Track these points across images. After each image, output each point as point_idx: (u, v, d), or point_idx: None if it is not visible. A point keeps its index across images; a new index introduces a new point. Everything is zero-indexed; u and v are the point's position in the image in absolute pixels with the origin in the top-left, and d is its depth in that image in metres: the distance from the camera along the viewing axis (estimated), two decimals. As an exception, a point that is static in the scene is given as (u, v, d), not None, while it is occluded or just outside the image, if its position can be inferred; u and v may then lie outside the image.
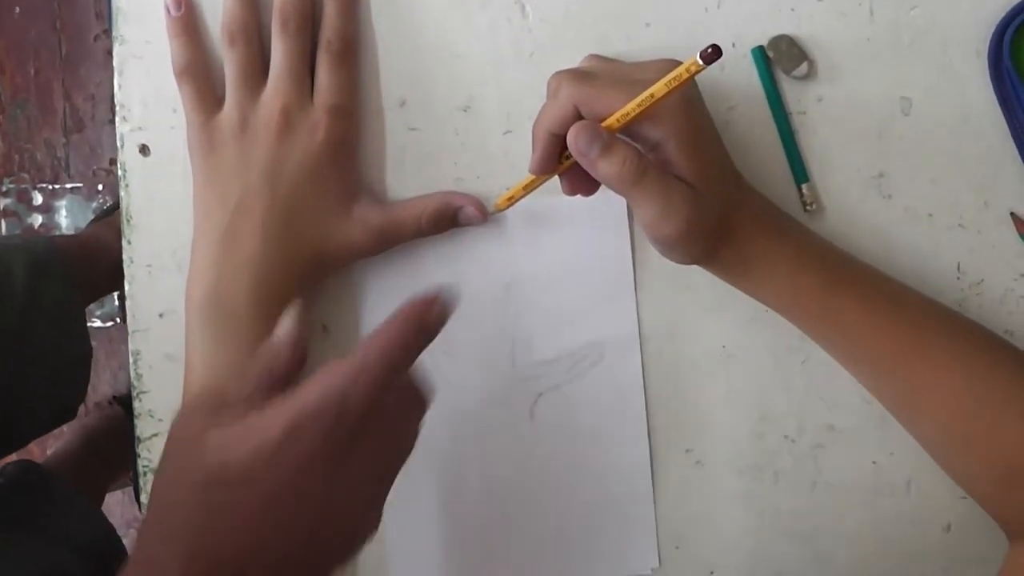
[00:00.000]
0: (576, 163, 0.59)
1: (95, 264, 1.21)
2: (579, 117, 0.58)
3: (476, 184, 0.69)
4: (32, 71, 1.55)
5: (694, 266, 0.64)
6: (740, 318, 0.69)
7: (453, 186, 0.69)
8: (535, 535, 0.71)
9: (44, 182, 1.56)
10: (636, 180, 0.56)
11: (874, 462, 0.69)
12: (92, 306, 1.56)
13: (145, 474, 0.73)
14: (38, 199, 1.58)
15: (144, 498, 0.71)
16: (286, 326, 0.54)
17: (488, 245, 0.69)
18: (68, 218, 1.59)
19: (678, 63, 0.55)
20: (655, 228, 0.58)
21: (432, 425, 0.67)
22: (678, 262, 0.62)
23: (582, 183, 0.62)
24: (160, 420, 0.71)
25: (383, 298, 0.70)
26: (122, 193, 0.72)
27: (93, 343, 1.04)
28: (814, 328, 0.64)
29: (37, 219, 1.58)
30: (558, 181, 0.62)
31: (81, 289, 1.06)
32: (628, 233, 0.68)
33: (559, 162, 0.60)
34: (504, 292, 0.69)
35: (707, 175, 0.58)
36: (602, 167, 0.56)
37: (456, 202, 0.67)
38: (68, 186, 1.55)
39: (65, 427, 1.31)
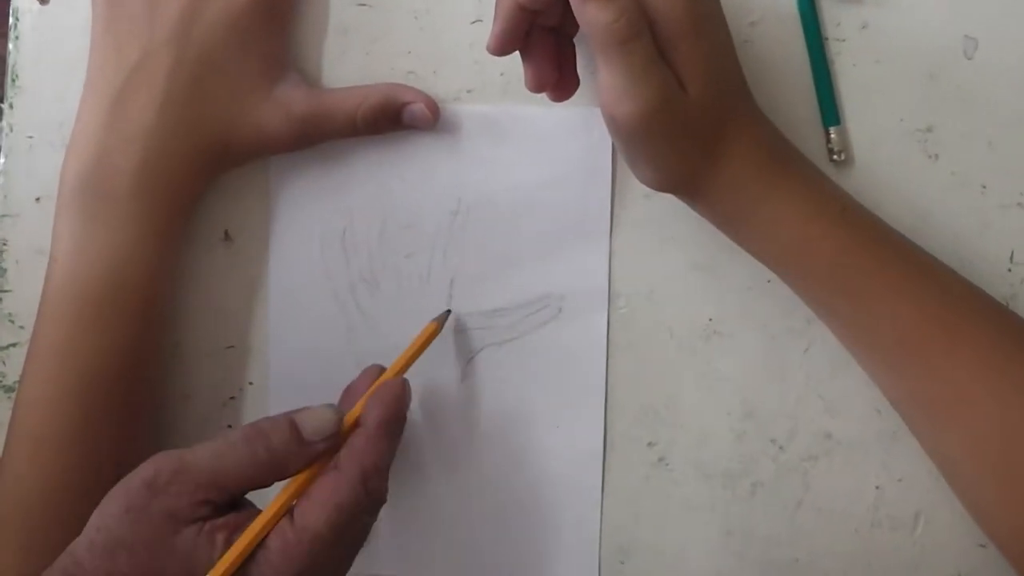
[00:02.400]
0: (545, 43, 0.53)
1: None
2: None
3: (431, 81, 0.61)
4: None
5: (684, 215, 0.57)
6: (734, 284, 0.60)
7: (403, 80, 0.61)
8: (446, 522, 0.61)
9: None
10: (624, 40, 0.48)
11: (877, 487, 0.60)
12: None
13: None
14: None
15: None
16: (326, 418, 0.51)
17: (436, 157, 0.60)
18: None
19: None
20: (615, 103, 0.50)
21: (339, 374, 0.59)
22: (651, 181, 0.55)
23: (551, 72, 0.54)
24: (21, 328, 0.63)
25: (297, 206, 0.61)
26: (11, 46, 0.64)
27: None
28: (821, 295, 0.56)
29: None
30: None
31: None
32: (609, 161, 0.59)
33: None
34: (448, 219, 0.60)
35: (703, 76, 0.51)
36: (593, 12, 0.48)
37: (403, 97, 0.59)
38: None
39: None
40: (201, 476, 0.47)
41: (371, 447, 0.50)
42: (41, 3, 0.63)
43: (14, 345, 0.64)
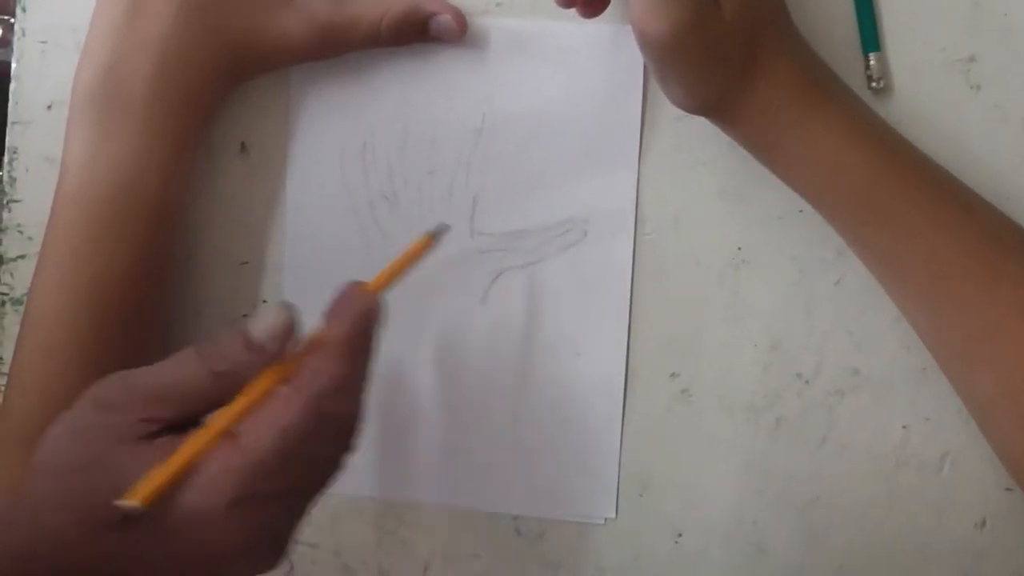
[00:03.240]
0: None
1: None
2: None
3: (459, -8, 0.59)
4: None
5: (715, 140, 0.56)
6: (764, 213, 0.59)
7: (429, -10, 0.59)
8: (465, 448, 0.61)
9: (5, 14, 1.45)
10: None
11: (904, 426, 0.59)
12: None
13: (3, 303, 0.62)
14: (-5, 32, 1.48)
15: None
16: (274, 317, 0.45)
17: (461, 71, 0.59)
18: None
19: None
20: (646, 20, 0.49)
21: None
22: (683, 102, 0.54)
23: None
24: (30, 239, 0.63)
25: (317, 118, 0.60)
26: (22, -53, 0.62)
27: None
28: (855, 225, 0.54)
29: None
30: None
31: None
32: (640, 81, 0.58)
33: None
34: (473, 136, 0.59)
35: None
36: None
37: (429, 7, 0.58)
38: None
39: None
40: (148, 391, 0.44)
41: (329, 366, 0.44)
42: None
43: (23, 257, 0.63)
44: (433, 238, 0.53)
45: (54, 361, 0.56)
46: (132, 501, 0.41)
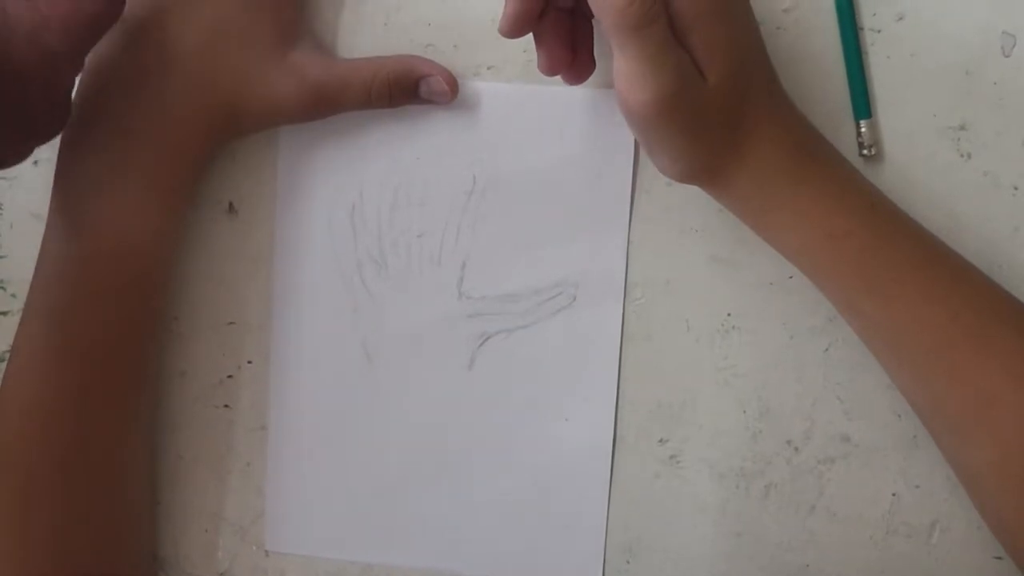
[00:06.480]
0: (560, 25, 0.53)
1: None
2: None
3: (451, 55, 0.60)
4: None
5: (706, 205, 0.57)
6: (755, 279, 0.59)
7: (422, 53, 0.60)
8: (452, 513, 0.61)
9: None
10: (640, 25, 0.46)
11: (894, 493, 0.60)
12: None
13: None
14: None
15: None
16: None
17: (452, 134, 0.59)
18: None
19: None
20: (629, 90, 0.49)
21: (343, 356, 0.58)
22: (670, 170, 0.54)
23: (565, 55, 0.54)
24: (13, 296, 0.63)
25: (306, 179, 0.60)
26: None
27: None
28: (845, 293, 0.55)
29: None
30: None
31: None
32: (631, 145, 0.59)
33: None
34: (463, 199, 0.59)
35: (722, 62, 0.50)
36: None
37: (421, 70, 0.58)
38: None
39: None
40: None
41: None
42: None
43: (5, 313, 0.63)
44: None
45: (36, 420, 0.56)
46: None
